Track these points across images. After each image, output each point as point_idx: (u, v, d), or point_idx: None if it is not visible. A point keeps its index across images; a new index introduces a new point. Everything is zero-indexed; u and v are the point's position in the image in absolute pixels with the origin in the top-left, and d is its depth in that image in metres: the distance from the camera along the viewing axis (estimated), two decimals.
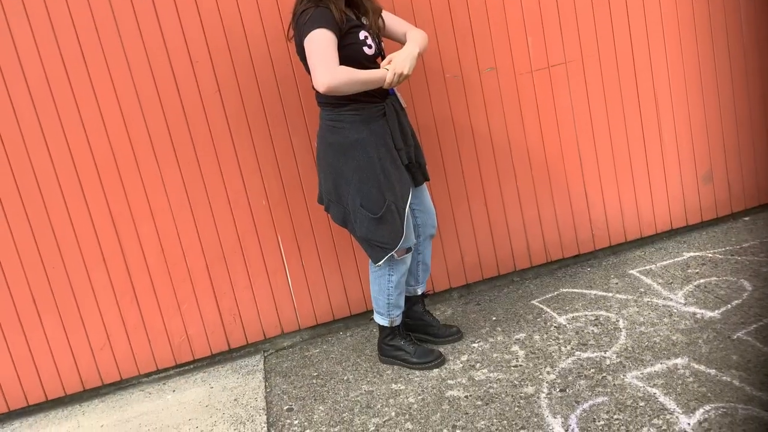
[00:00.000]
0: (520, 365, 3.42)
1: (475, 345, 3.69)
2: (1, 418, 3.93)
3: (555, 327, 3.71)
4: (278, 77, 3.81)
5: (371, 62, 3.24)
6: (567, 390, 3.14)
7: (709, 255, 4.17)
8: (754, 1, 4.27)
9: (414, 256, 3.65)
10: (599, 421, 2.87)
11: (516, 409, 3.07)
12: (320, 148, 3.37)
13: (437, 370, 3.53)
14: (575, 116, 4.18)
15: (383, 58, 3.31)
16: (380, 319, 3.61)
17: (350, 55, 3.15)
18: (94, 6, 3.57)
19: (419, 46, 3.28)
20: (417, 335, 3.77)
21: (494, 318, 3.94)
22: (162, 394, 3.89)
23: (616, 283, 4.05)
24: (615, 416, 2.88)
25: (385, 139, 3.28)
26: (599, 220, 4.35)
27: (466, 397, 3.25)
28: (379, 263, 3.40)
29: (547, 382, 3.23)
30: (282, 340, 4.14)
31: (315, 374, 3.75)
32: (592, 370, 3.24)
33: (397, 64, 3.14)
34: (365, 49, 3.20)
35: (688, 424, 2.75)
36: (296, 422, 3.35)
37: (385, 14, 3.41)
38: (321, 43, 3.04)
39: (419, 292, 3.78)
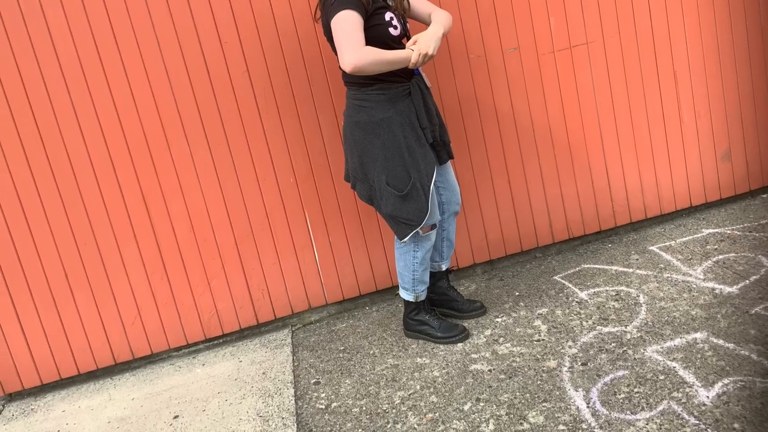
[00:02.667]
0: (543, 339, 3.46)
1: (499, 320, 3.73)
2: (34, 391, 4.01)
3: (577, 302, 3.75)
4: (306, 57, 3.84)
5: (397, 43, 3.26)
6: (588, 364, 3.17)
7: (728, 231, 4.20)
8: None
9: (439, 233, 3.69)
10: (620, 395, 2.90)
11: (538, 382, 3.11)
12: (347, 126, 3.40)
13: (461, 344, 3.57)
14: (596, 95, 4.20)
15: (408, 38, 3.32)
16: (405, 295, 3.65)
17: (376, 35, 3.16)
18: None
19: (444, 26, 3.27)
20: (441, 310, 3.83)
21: (517, 293, 3.99)
22: (192, 367, 3.95)
23: (637, 259, 4.08)
24: (635, 389, 2.91)
25: (410, 118, 3.30)
26: (620, 198, 4.38)
27: (490, 370, 3.29)
28: (405, 240, 3.42)
29: (568, 356, 3.27)
30: (309, 315, 4.19)
31: (341, 348, 3.81)
32: (613, 345, 3.28)
33: (422, 45, 3.14)
34: (391, 29, 3.21)
35: (707, 397, 2.78)
36: (323, 395, 3.39)
37: None
38: (348, 24, 3.05)
39: (444, 267, 3.81)
